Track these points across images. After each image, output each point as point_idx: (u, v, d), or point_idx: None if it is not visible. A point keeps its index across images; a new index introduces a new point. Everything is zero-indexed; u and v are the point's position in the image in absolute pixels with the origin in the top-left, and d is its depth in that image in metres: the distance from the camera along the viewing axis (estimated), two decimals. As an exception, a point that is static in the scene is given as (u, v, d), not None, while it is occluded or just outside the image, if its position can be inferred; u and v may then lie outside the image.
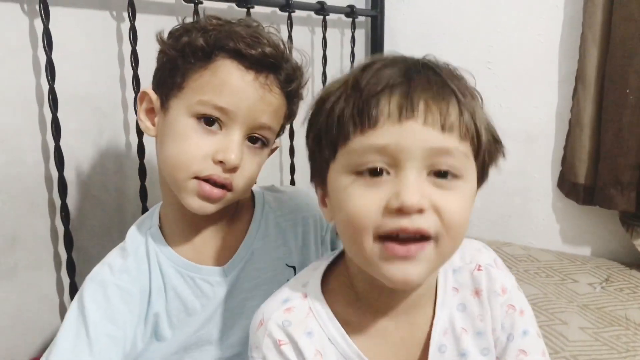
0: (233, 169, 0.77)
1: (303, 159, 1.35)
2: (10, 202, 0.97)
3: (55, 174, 0.99)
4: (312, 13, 1.63)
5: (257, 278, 0.87)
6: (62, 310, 1.04)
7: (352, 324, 0.66)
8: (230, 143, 0.76)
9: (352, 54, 1.81)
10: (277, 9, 1.48)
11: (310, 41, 1.70)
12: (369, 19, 1.93)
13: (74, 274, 1.03)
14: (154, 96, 0.81)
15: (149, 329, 0.84)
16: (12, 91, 0.96)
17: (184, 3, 1.21)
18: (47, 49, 0.94)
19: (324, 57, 1.65)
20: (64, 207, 1.00)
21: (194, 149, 0.75)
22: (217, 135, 0.76)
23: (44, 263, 1.03)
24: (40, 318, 1.02)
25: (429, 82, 0.58)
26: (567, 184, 1.69)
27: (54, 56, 0.96)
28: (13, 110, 0.96)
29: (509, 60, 1.78)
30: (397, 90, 0.57)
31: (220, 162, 0.76)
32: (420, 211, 0.56)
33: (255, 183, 0.85)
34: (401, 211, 0.55)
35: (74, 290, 1.02)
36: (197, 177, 0.76)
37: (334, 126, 0.60)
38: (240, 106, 0.76)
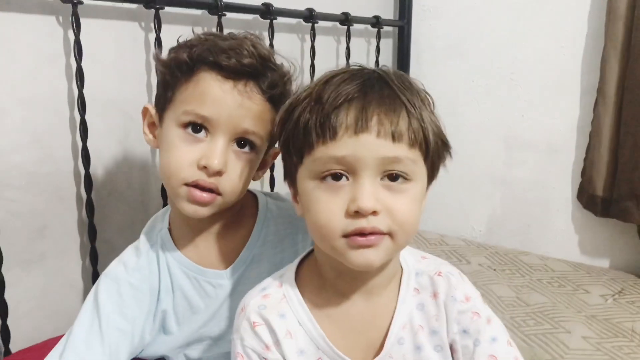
0: (218, 173, 0.80)
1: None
2: (41, 195, 1.07)
3: (82, 171, 1.09)
4: (337, 23, 1.69)
5: (256, 281, 0.90)
6: (85, 295, 1.11)
7: (320, 308, 0.74)
8: (213, 149, 0.80)
9: (377, 63, 1.86)
10: (301, 20, 1.55)
11: (335, 50, 1.77)
12: (396, 29, 1.98)
13: (96, 263, 1.12)
14: (153, 111, 0.87)
15: (157, 323, 0.92)
16: (47, 95, 1.06)
17: (209, 15, 1.29)
18: (77, 57, 1.04)
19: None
20: (89, 202, 1.09)
21: (181, 157, 0.80)
22: (203, 142, 0.80)
23: (70, 252, 1.13)
24: (66, 302, 1.12)
25: (381, 97, 0.66)
26: (586, 196, 1.70)
27: (85, 64, 1.05)
28: (47, 113, 1.06)
29: (533, 72, 1.80)
30: (354, 105, 0.65)
31: (204, 167, 0.79)
32: (375, 213, 0.65)
33: (247, 186, 0.88)
34: (358, 214, 0.64)
35: (96, 278, 1.11)
36: (186, 184, 0.80)
37: (300, 135, 0.68)
38: (221, 113, 0.79)
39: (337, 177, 0.66)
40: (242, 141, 0.83)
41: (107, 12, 1.13)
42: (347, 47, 1.70)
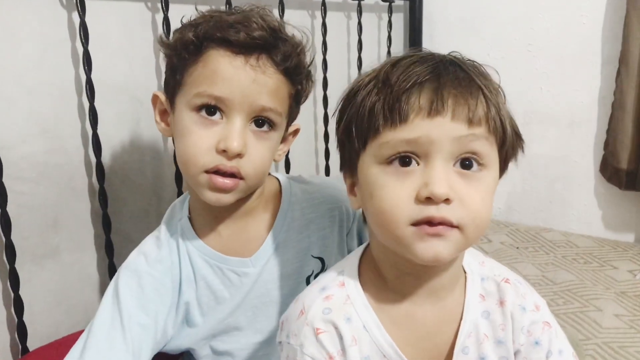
0: (238, 156, 0.77)
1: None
2: (52, 187, 1.03)
3: (93, 160, 1.05)
4: (348, -2, 1.64)
5: (282, 269, 0.88)
6: (102, 289, 1.10)
7: (383, 312, 0.68)
8: (230, 131, 0.76)
9: (389, 38, 1.80)
10: (311, -4, 1.50)
11: (346, 26, 1.71)
12: (407, 3, 1.91)
13: (112, 255, 1.08)
14: (163, 97, 0.83)
15: (180, 316, 0.88)
16: (53, 82, 1.01)
17: (217, -8, 1.24)
18: (83, 41, 0.99)
19: (359, 42, 1.66)
20: (102, 191, 1.05)
21: (198, 143, 0.77)
22: (219, 125, 0.77)
23: (85, 244, 1.09)
24: (82, 296, 1.09)
25: (457, 79, 0.61)
26: (609, 169, 1.65)
27: (91, 48, 1.01)
28: (54, 101, 1.01)
29: (551, 43, 1.74)
30: (427, 87, 0.60)
31: (224, 151, 0.76)
32: (447, 201, 0.59)
33: (270, 168, 0.84)
34: (430, 200, 0.58)
35: (112, 270, 1.07)
36: (207, 171, 0.77)
37: (365, 119, 0.62)
38: (234, 92, 0.76)
39: (405, 162, 0.60)
40: (260, 120, 0.79)
41: (111, -7, 1.08)
42: (359, 23, 1.65)
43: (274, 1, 1.37)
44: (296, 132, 0.90)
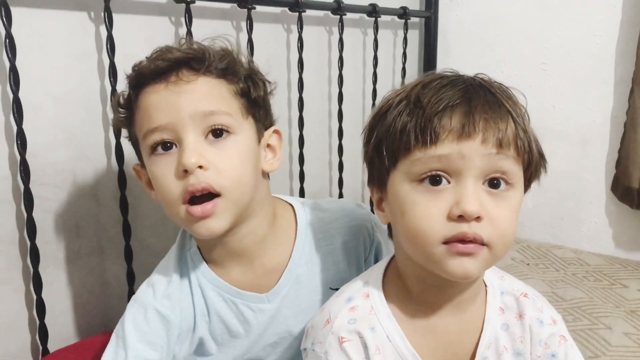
0: (201, 169, 0.74)
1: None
2: (75, 193, 1.06)
3: (116, 168, 1.08)
4: (364, 15, 1.67)
5: (300, 304, 0.86)
6: (121, 293, 1.12)
7: (406, 322, 0.71)
8: (183, 150, 0.74)
9: (404, 54, 1.83)
10: (329, 12, 1.53)
11: (362, 42, 1.74)
12: (423, 20, 1.94)
13: (131, 261, 1.11)
14: (139, 167, 0.84)
15: (192, 348, 0.87)
16: (79, 93, 1.04)
17: (239, 8, 1.27)
18: (109, 53, 1.02)
19: (375, 58, 1.69)
20: (123, 199, 1.08)
21: (164, 182, 0.76)
22: (174, 154, 0.76)
23: (105, 250, 1.12)
24: (102, 300, 1.11)
25: (487, 102, 0.64)
26: (621, 188, 1.66)
27: (117, 60, 1.04)
28: (80, 110, 1.05)
29: (564, 61, 1.76)
30: (458, 110, 0.63)
31: (185, 171, 0.74)
32: (478, 219, 0.62)
33: (251, 176, 0.79)
34: (462, 218, 0.62)
35: (130, 275, 1.10)
36: (183, 203, 0.75)
37: (396, 138, 0.65)
38: (169, 112, 0.75)
39: (436, 180, 0.63)
40: (217, 130, 0.77)
41: (138, 7, 1.12)
42: (375, 39, 1.68)
43: (293, 18, 1.41)
44: (278, 135, 0.88)
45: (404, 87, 0.69)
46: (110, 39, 1.02)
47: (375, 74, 1.69)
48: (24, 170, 0.93)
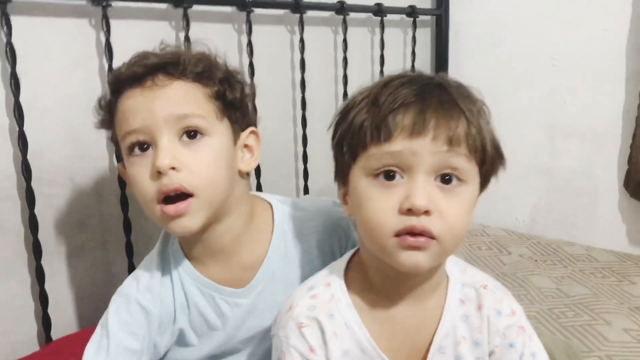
0: (173, 170, 0.76)
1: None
2: (78, 190, 1.12)
3: (116, 166, 1.14)
4: (371, 14, 1.69)
5: (275, 300, 0.87)
6: (122, 286, 1.18)
7: (366, 311, 0.74)
8: (157, 152, 0.77)
9: (413, 53, 1.85)
10: (333, 13, 1.56)
11: (370, 41, 1.76)
12: (434, 17, 1.95)
13: (132, 255, 1.17)
14: (123, 169, 0.86)
15: (173, 338, 0.90)
16: (81, 95, 1.10)
17: (238, 11, 1.31)
18: (108, 58, 1.08)
19: (382, 57, 1.71)
20: (123, 196, 1.14)
21: (139, 182, 0.79)
22: (149, 155, 0.78)
23: (107, 244, 1.18)
24: (104, 291, 1.15)
25: (440, 102, 0.66)
26: (633, 184, 1.64)
27: (116, 64, 1.09)
28: (81, 112, 1.09)
29: (575, 57, 1.75)
30: (411, 109, 0.65)
31: (158, 173, 0.76)
32: (427, 213, 0.64)
33: (224, 175, 0.81)
34: (411, 212, 0.64)
35: (132, 268, 1.15)
36: (158, 203, 0.78)
37: (355, 135, 0.68)
38: (145, 117, 0.77)
39: (390, 175, 0.66)
40: (191, 132, 0.79)
41: (137, 13, 1.17)
42: (381, 39, 1.70)
43: (294, 19, 1.44)
44: (256, 136, 0.89)
45: (369, 85, 0.72)
46: (108, 45, 1.08)
47: (382, 73, 1.72)
48: (26, 169, 1.00)
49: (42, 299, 1.05)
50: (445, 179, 0.66)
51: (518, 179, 1.92)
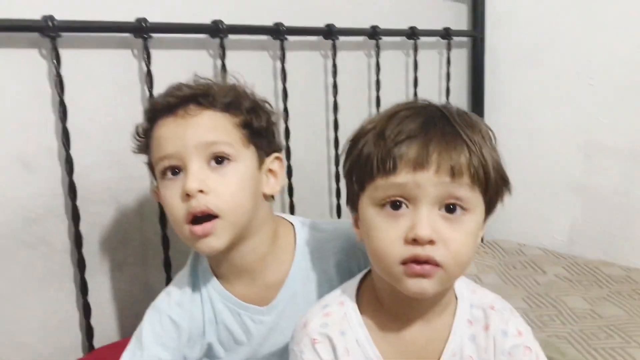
0: (201, 193, 0.82)
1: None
2: (121, 209, 1.20)
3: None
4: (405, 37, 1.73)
5: (296, 318, 0.88)
6: (160, 300, 1.25)
7: (377, 330, 0.78)
8: (187, 176, 0.83)
9: (448, 75, 1.88)
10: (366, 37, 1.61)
11: (404, 64, 1.81)
12: (471, 39, 1.98)
13: (169, 270, 1.24)
14: (158, 190, 0.92)
15: (202, 352, 0.96)
16: (125, 121, 1.16)
17: (272, 40, 1.38)
18: (149, 86, 1.16)
19: (415, 79, 1.75)
20: (162, 214, 1.21)
21: (170, 203, 0.85)
22: (180, 179, 0.85)
23: (147, 260, 1.26)
24: (144, 304, 1.22)
25: (443, 134, 0.69)
26: (672, 204, 1.62)
27: (156, 91, 1.17)
28: (124, 135, 1.17)
29: (611, 75, 1.75)
30: (415, 142, 0.69)
31: (187, 195, 0.82)
32: (431, 242, 0.68)
33: (247, 199, 0.87)
34: (416, 241, 0.68)
35: (169, 283, 1.21)
36: (187, 224, 0.84)
37: (363, 166, 0.73)
38: (176, 144, 0.84)
39: (396, 205, 0.70)
40: (218, 158, 0.85)
41: (176, 43, 1.25)
42: (415, 61, 1.74)
43: (327, 45, 1.50)
44: (279, 161, 0.95)
45: (378, 115, 0.76)
46: (149, 74, 1.16)
47: (416, 94, 1.75)
48: (72, 189, 1.09)
49: (86, 310, 1.13)
50: (450, 208, 0.69)
51: (555, 197, 1.92)
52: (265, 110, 0.94)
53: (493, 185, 0.72)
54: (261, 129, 0.92)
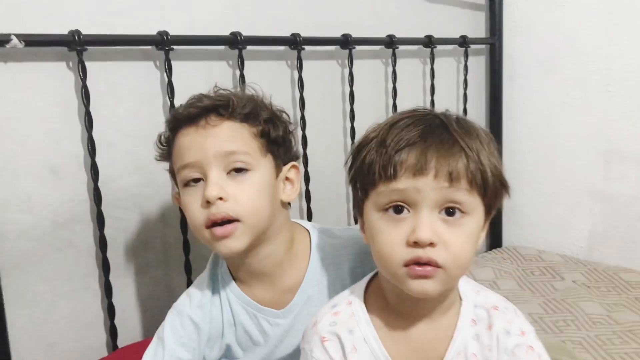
0: (221, 201, 0.86)
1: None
2: (144, 214, 1.26)
3: (177, 193, 1.27)
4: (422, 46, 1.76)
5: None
6: (181, 302, 1.30)
7: (384, 328, 0.81)
8: (207, 184, 0.87)
9: (465, 82, 1.90)
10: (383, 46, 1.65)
11: (422, 71, 1.83)
12: (488, 46, 2.00)
13: (190, 273, 1.29)
14: (178, 196, 0.96)
15: (221, 352, 1.00)
16: (147, 130, 1.22)
17: (290, 50, 1.43)
18: (170, 96, 1.22)
19: (432, 86, 1.78)
20: (183, 219, 1.26)
21: (189, 209, 0.90)
22: (200, 187, 0.89)
23: (169, 263, 1.30)
24: (165, 305, 1.26)
25: (441, 141, 0.73)
26: (691, 210, 1.61)
27: (177, 101, 1.22)
28: (147, 144, 1.21)
29: (629, 82, 1.75)
30: (415, 149, 0.72)
31: (207, 202, 0.86)
32: (432, 245, 0.71)
33: (266, 204, 0.91)
34: (417, 244, 0.71)
35: (189, 285, 1.26)
36: (206, 227, 0.88)
37: (365, 174, 0.76)
38: (198, 153, 0.88)
39: (398, 209, 0.73)
40: (237, 168, 0.89)
41: (196, 55, 1.31)
42: (432, 69, 1.76)
43: (344, 54, 1.54)
44: (296, 169, 0.99)
45: (380, 124, 0.79)
46: (170, 84, 1.22)
47: (432, 102, 1.78)
48: (97, 195, 1.14)
49: (110, 311, 1.18)
50: (449, 211, 0.72)
51: (573, 203, 1.92)
52: (282, 120, 0.98)
53: (491, 189, 0.74)
54: (278, 139, 0.95)
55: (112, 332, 1.20)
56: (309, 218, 1.50)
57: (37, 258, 1.11)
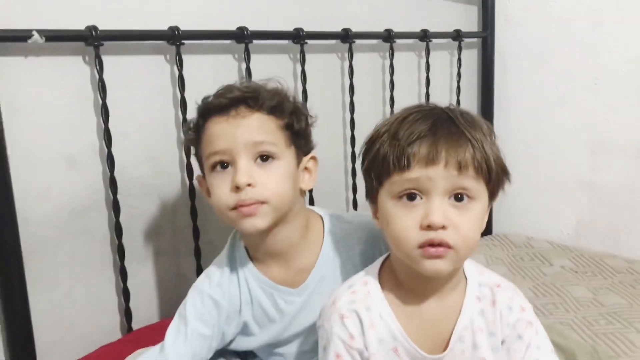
0: (250, 187, 0.92)
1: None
2: (156, 203, 1.31)
3: (187, 182, 1.32)
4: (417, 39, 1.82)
5: (323, 299, 0.97)
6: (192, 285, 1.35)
7: (397, 305, 0.88)
8: (237, 170, 0.93)
9: (459, 74, 1.96)
10: (381, 40, 1.70)
11: (417, 64, 1.89)
12: (480, 40, 2.06)
13: (200, 259, 1.34)
14: (202, 179, 1.03)
15: (238, 329, 1.07)
16: (159, 121, 1.29)
17: (293, 44, 1.48)
18: (180, 89, 1.27)
19: (427, 79, 1.84)
20: (193, 207, 1.32)
21: (218, 192, 0.95)
22: (229, 173, 0.94)
23: (180, 249, 1.36)
24: (177, 290, 1.35)
25: (449, 133, 0.80)
26: (674, 199, 1.69)
27: (187, 94, 1.27)
28: (159, 135, 1.29)
29: (616, 76, 1.83)
30: (426, 141, 0.79)
31: (237, 188, 0.92)
32: (443, 227, 0.78)
33: (290, 191, 0.97)
34: (430, 227, 0.78)
35: (200, 271, 1.33)
36: (233, 208, 0.94)
37: (380, 165, 0.83)
38: (228, 141, 0.94)
39: (411, 197, 0.80)
40: (264, 156, 0.95)
41: (205, 49, 1.35)
42: (427, 62, 1.83)
43: (344, 48, 1.60)
44: (314, 161, 1.05)
45: (390, 118, 0.86)
46: (180, 77, 1.27)
47: (427, 94, 1.84)
48: (112, 184, 1.19)
49: (125, 295, 1.24)
50: (458, 197, 0.80)
51: (562, 193, 2.00)
52: (304, 113, 1.04)
53: (495, 176, 0.82)
54: (301, 131, 1.02)
55: (127, 315, 1.25)
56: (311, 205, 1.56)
57: (55, 244, 1.17)
